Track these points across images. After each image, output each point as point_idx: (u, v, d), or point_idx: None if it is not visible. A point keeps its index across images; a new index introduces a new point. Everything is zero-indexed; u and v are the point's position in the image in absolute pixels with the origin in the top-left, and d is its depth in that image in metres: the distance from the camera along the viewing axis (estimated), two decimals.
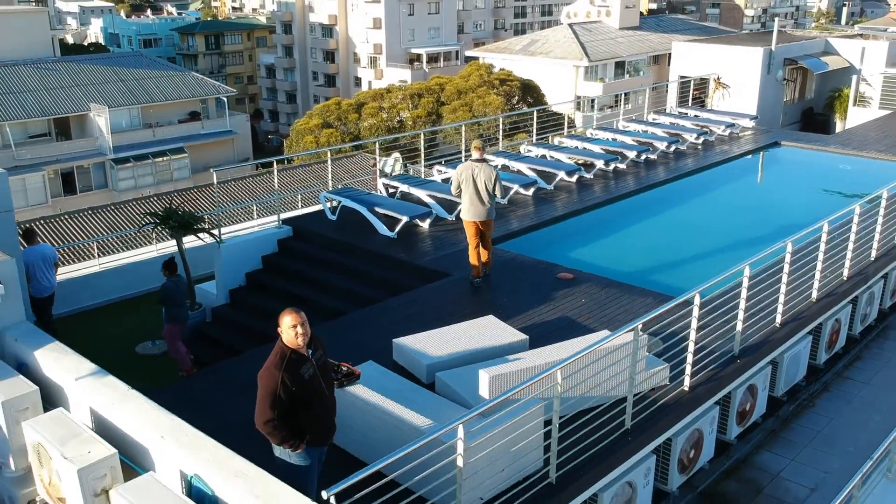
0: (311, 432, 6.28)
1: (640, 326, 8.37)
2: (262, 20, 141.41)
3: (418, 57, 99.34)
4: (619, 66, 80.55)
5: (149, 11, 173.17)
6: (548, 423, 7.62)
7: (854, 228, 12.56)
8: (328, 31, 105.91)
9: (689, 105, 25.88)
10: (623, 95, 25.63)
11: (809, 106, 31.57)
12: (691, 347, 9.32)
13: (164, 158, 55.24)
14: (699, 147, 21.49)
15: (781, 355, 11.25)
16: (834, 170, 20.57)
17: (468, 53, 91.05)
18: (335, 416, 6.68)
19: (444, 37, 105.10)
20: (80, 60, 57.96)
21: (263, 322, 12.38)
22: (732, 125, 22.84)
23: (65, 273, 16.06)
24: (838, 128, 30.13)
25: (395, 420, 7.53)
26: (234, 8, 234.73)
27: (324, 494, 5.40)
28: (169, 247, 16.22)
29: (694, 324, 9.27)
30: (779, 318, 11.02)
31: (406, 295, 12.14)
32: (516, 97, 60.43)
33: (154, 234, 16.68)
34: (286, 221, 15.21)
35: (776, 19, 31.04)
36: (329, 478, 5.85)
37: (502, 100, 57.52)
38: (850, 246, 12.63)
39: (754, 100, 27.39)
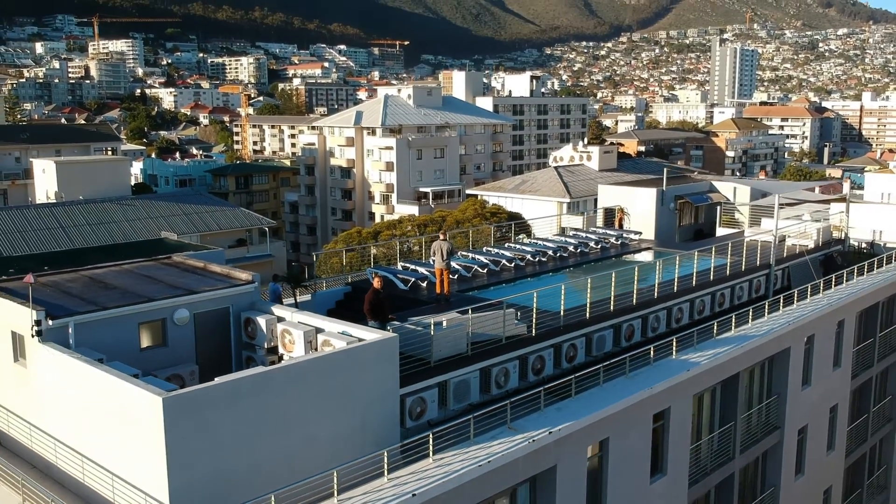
0: (381, 317, 18.72)
1: (504, 303, 20.89)
2: (286, 163, 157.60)
3: (425, 195, 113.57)
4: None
5: (177, 154, 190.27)
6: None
7: (636, 275, 25.13)
8: (346, 172, 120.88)
9: (602, 226, 38.76)
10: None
11: (700, 227, 44.37)
12: (534, 316, 21.77)
13: None
14: (598, 249, 34.22)
15: (592, 333, 23.62)
16: (679, 260, 33.06)
17: (468, 191, 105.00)
18: (389, 314, 19.16)
19: (448, 177, 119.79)
20: (152, 198, 71.93)
21: None
22: (622, 237, 35.68)
23: None
24: None
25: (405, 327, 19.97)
26: (255, 150, 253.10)
27: (388, 327, 17.81)
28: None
29: (534, 311, 21.77)
30: (587, 315, 23.47)
31: (411, 310, 24.52)
32: (505, 227, 73.63)
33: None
34: (347, 283, 27.77)
35: (665, 170, 43.94)
36: None
37: (493, 228, 70.73)
38: (635, 286, 25.17)
39: (652, 224, 40.13)
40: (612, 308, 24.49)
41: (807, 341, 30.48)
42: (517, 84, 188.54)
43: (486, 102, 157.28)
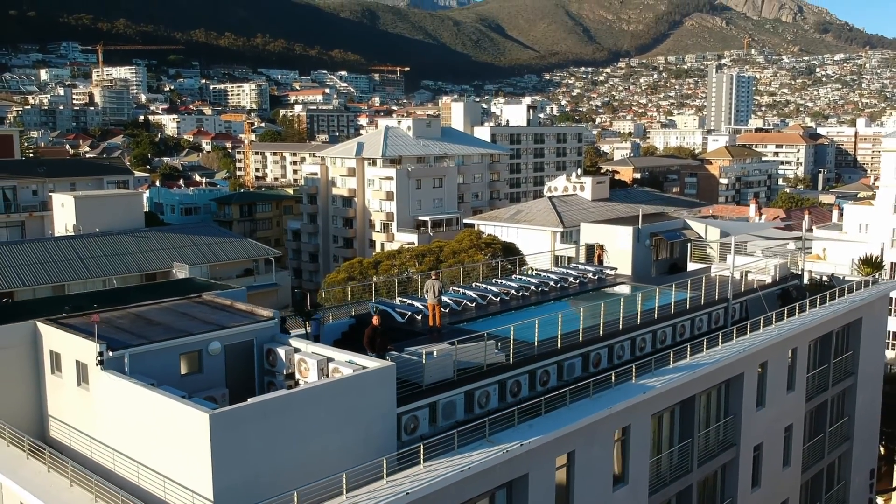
0: (378, 350, 22.51)
1: (486, 335, 24.72)
2: (289, 191, 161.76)
3: (424, 223, 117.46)
4: None
5: (181, 181, 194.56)
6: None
7: (602, 310, 28.95)
8: (348, 201, 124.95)
9: (584, 262, 42.67)
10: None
11: (674, 262, 48.19)
12: (512, 344, 25.57)
13: None
14: (576, 283, 38.06)
15: (562, 362, 27.39)
16: (647, 295, 36.78)
17: (466, 221, 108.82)
18: (386, 345, 22.96)
19: (446, 206, 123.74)
20: (164, 230, 75.86)
21: None
22: (599, 272, 39.54)
23: None
24: None
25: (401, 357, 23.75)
26: (257, 177, 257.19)
27: (387, 356, 21.62)
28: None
29: (511, 342, 25.58)
30: (559, 344, 27.26)
31: (408, 340, 28.28)
32: (500, 256, 77.55)
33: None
34: (352, 316, 31.58)
35: (640, 209, 47.81)
36: None
37: (487, 258, 74.58)
38: (602, 318, 28.97)
39: (629, 259, 43.94)
40: (580, 339, 28.29)
41: (760, 367, 34.24)
42: (514, 113, 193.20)
43: (483, 132, 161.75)
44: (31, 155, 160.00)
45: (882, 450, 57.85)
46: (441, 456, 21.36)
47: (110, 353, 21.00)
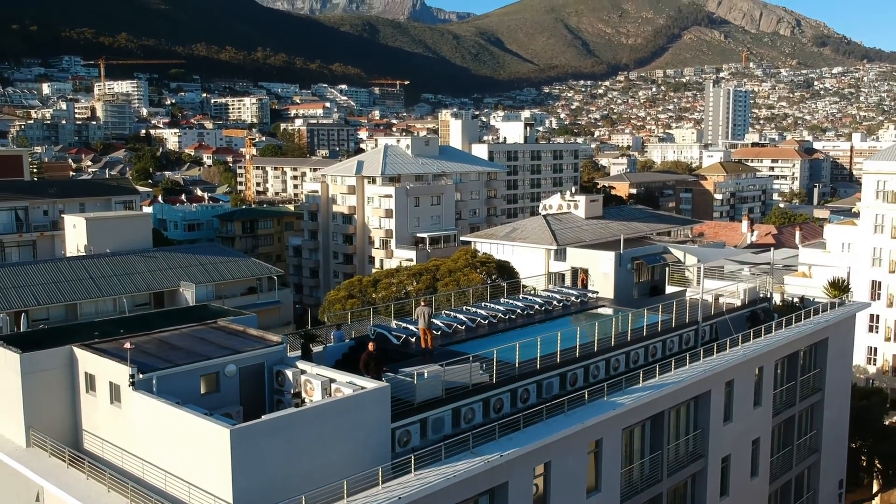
0: (373, 373, 25.55)
1: (470, 357, 27.75)
2: (290, 207, 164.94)
3: (422, 240, 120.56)
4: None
5: (183, 196, 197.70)
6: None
7: (578, 332, 31.97)
8: (348, 219, 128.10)
9: (568, 286, 45.73)
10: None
11: (655, 284, 51.27)
12: (495, 366, 28.60)
13: None
14: (559, 306, 41.09)
15: (541, 381, 30.37)
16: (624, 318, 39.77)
17: (463, 238, 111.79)
18: (381, 368, 26.01)
19: (444, 223, 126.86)
20: (171, 250, 78.95)
21: None
22: (582, 295, 42.61)
23: None
24: None
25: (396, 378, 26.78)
26: (258, 192, 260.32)
27: (383, 378, 24.63)
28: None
29: (495, 361, 28.61)
30: (538, 365, 30.27)
31: (402, 362, 31.28)
32: (494, 275, 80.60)
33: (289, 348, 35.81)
34: (352, 339, 34.60)
35: (622, 236, 50.87)
36: None
37: (482, 277, 77.62)
38: (578, 341, 31.99)
39: (611, 282, 47.04)
40: (558, 360, 31.30)
41: (727, 385, 37.24)
42: (512, 130, 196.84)
43: (481, 150, 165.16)
44: (35, 169, 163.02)
45: (863, 461, 60.73)
46: (430, 466, 24.35)
47: (140, 376, 24.03)
